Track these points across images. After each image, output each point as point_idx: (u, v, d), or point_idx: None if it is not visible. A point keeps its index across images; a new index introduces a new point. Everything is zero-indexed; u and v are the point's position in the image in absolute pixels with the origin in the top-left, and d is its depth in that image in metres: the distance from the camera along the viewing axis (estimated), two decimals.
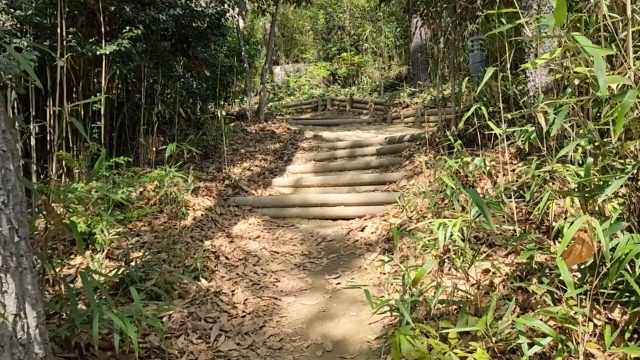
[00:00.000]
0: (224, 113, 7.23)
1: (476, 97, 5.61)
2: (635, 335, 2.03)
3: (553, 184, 3.27)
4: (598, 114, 3.11)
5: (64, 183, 5.46)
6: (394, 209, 5.21)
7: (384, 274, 3.97)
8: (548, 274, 2.80)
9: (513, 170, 4.71)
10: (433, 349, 2.16)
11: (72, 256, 4.52)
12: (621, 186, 1.94)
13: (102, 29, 5.57)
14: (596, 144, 2.20)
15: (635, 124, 2.02)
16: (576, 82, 2.35)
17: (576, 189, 2.95)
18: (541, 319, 2.11)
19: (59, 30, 5.19)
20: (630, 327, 1.99)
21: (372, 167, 6.91)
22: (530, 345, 2.00)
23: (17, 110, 5.35)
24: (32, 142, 5.54)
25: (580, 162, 3.65)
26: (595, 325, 2.01)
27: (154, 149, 6.53)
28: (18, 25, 5.61)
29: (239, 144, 8.56)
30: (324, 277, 4.22)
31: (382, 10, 17.06)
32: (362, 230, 5.10)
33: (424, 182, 5.39)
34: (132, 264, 4.09)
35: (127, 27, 5.69)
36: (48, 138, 5.82)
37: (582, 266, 2.24)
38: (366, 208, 5.56)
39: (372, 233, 4.94)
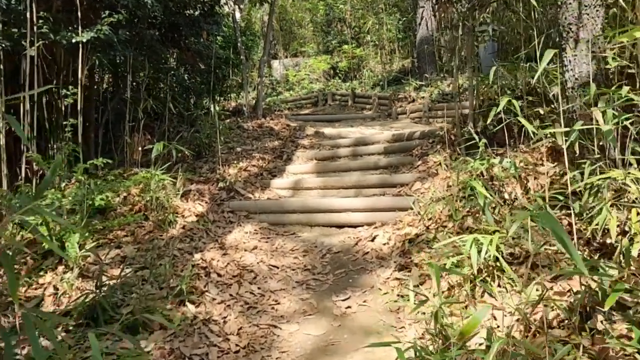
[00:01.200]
0: (217, 109, 6.62)
1: (498, 90, 5.02)
2: None
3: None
4: None
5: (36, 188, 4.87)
6: (407, 216, 4.63)
7: (402, 296, 3.39)
8: (617, 311, 2.23)
9: (546, 173, 4.14)
10: None
11: (42, 272, 3.94)
12: None
13: (79, 13, 4.95)
14: None
15: None
16: None
17: None
18: None
19: (28, 14, 4.59)
20: None
21: (380, 167, 6.32)
22: None
23: None
24: (2, 141, 4.95)
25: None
26: None
27: (140, 148, 5.93)
28: None
29: (235, 141, 7.95)
30: (331, 298, 3.64)
31: (385, 2, 16.43)
32: (373, 241, 4.52)
33: (441, 185, 4.80)
34: (111, 282, 3.51)
35: (107, 12, 5.08)
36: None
37: None
38: (375, 214, 4.97)
39: (385, 244, 4.36)
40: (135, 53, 6.02)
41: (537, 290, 2.72)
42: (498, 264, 2.95)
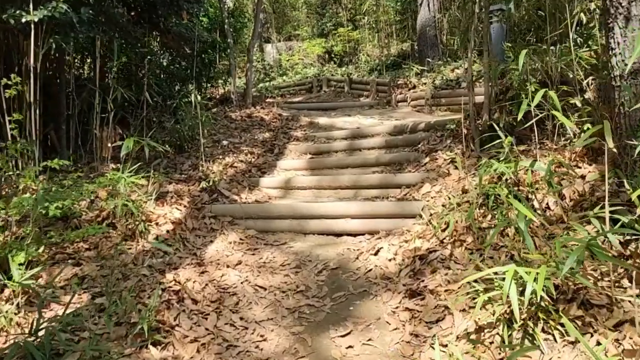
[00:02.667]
0: (199, 97, 5.90)
1: (518, 77, 4.34)
2: None
3: None
4: None
5: None
6: (416, 225, 3.99)
7: (416, 335, 2.76)
8: None
9: (583, 177, 3.49)
10: None
11: None
12: None
13: None
14: None
15: None
16: None
17: None
18: None
19: None
20: None
21: (381, 163, 5.66)
22: None
23: None
24: None
25: None
26: None
27: (110, 144, 5.23)
28: None
29: (221, 133, 7.26)
30: (329, 332, 3.00)
31: None
32: (376, 254, 3.88)
33: (455, 189, 4.15)
34: (57, 317, 2.85)
35: None
36: None
37: None
38: (377, 221, 4.33)
39: (390, 260, 3.71)
40: (102, 35, 5.28)
41: (598, 343, 2.09)
42: (543, 303, 2.31)
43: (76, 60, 7.46)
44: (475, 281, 2.74)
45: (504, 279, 2.49)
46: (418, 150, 5.47)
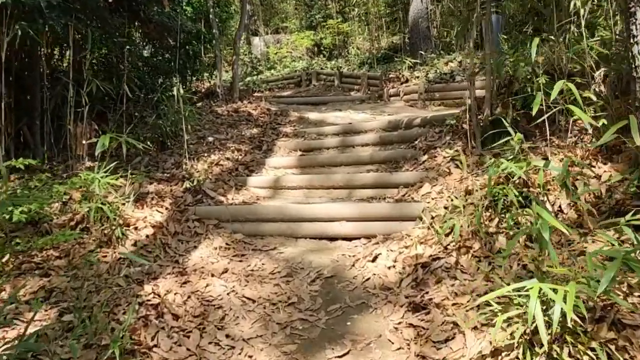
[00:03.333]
0: (182, 91, 5.54)
1: (530, 69, 4.06)
2: None
3: None
4: None
5: None
6: (416, 228, 3.70)
7: (423, 357, 2.47)
8: None
9: (598, 178, 3.22)
10: None
11: None
12: None
13: None
14: None
15: None
16: None
17: None
18: None
19: None
20: None
21: (376, 161, 5.37)
22: None
23: None
24: None
25: None
26: None
27: (84, 141, 4.85)
28: None
29: (207, 129, 6.90)
30: (324, 352, 2.71)
31: None
32: (374, 261, 3.59)
33: (457, 189, 3.87)
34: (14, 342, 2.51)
35: None
36: None
37: None
38: (374, 224, 4.05)
39: (390, 268, 3.42)
40: (76, 23, 4.89)
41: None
42: (570, 324, 2.03)
43: (55, 53, 7.05)
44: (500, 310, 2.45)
45: (521, 295, 2.23)
46: (415, 147, 5.18)
